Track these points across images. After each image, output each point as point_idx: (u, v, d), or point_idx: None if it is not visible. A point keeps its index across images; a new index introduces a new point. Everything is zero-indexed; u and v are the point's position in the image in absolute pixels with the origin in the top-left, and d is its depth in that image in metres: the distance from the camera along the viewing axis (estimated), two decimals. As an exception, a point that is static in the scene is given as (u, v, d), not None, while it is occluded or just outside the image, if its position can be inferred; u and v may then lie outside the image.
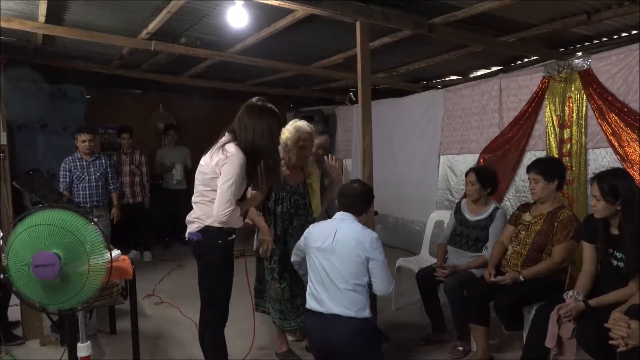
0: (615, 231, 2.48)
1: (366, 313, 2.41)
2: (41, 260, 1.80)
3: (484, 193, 3.39)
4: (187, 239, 2.51)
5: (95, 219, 2.96)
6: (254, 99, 2.51)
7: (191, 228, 2.47)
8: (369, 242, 2.42)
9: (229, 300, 2.56)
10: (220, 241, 2.42)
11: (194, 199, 2.49)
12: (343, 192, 2.64)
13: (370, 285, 2.45)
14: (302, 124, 2.97)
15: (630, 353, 2.04)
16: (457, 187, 5.37)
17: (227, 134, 2.46)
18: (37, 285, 1.87)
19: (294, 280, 2.99)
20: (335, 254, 2.44)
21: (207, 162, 2.42)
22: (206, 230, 2.41)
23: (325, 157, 3.29)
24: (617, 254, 2.45)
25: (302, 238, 2.67)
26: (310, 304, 2.51)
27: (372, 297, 2.55)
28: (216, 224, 2.38)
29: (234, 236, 2.51)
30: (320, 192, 3.22)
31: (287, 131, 2.94)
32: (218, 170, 2.35)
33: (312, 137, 2.97)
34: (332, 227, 2.52)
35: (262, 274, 3.09)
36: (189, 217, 2.51)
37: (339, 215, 2.58)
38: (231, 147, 2.37)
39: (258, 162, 2.45)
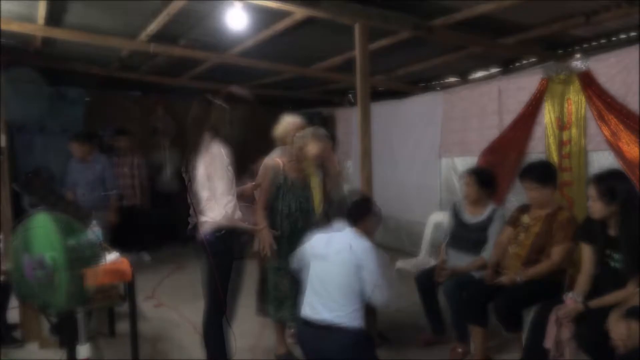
0: (612, 232, 2.48)
1: (358, 323, 2.42)
2: (33, 262, 1.84)
3: (482, 194, 3.39)
4: (198, 239, 2.60)
5: (94, 221, 2.98)
6: (224, 91, 2.63)
7: (203, 228, 2.56)
8: (361, 250, 2.44)
9: (235, 300, 2.65)
10: (230, 241, 2.55)
11: (203, 204, 2.58)
12: (342, 203, 2.71)
13: (364, 294, 2.46)
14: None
15: (629, 354, 2.04)
16: (461, 189, 5.35)
17: (206, 135, 2.54)
18: (32, 286, 1.91)
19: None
20: (329, 261, 2.47)
21: (198, 167, 2.55)
22: (218, 230, 2.52)
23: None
24: (615, 255, 2.45)
25: (303, 247, 2.72)
26: (305, 311, 2.52)
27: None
28: (225, 223, 2.50)
29: (223, 232, 2.60)
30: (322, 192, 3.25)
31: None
32: (211, 170, 2.48)
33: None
34: (328, 235, 2.57)
35: (264, 276, 3.10)
36: (201, 219, 2.58)
37: (338, 225, 2.62)
38: (213, 147, 2.49)
39: (241, 149, 2.56)
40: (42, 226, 1.86)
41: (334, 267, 2.44)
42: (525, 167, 3.15)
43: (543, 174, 3.01)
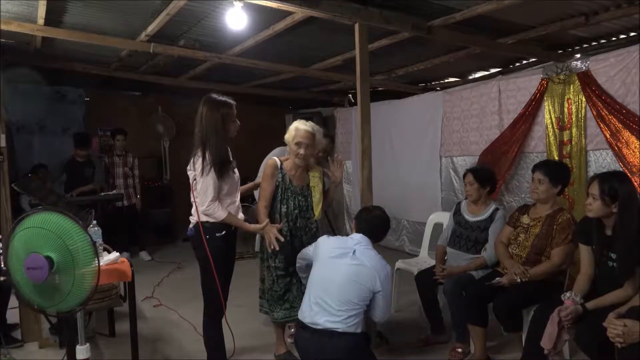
0: (609, 232, 2.48)
1: (356, 328, 2.44)
2: (32, 262, 1.82)
3: (483, 192, 3.40)
4: (197, 238, 2.68)
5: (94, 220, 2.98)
6: (204, 97, 2.70)
7: (203, 228, 2.66)
8: (384, 276, 2.47)
9: (221, 294, 2.68)
10: (207, 236, 2.62)
11: (193, 201, 2.69)
12: (365, 217, 2.70)
13: (364, 300, 2.48)
14: (300, 123, 3.01)
15: (629, 350, 2.05)
16: (461, 189, 5.34)
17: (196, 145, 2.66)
18: (31, 287, 1.89)
19: (297, 277, 3.04)
20: (346, 272, 2.46)
21: (191, 169, 2.68)
22: (197, 226, 2.65)
23: (329, 157, 3.30)
24: (612, 254, 2.46)
25: (311, 246, 2.74)
26: (304, 314, 2.52)
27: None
28: (205, 219, 2.62)
29: (223, 232, 2.68)
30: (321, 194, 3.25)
31: (288, 131, 3.01)
32: (196, 172, 2.62)
33: (310, 135, 2.97)
34: (350, 246, 2.56)
35: (264, 275, 3.11)
36: (201, 219, 2.68)
37: (358, 237, 2.62)
38: (199, 152, 2.63)
39: (223, 152, 2.62)
40: (39, 226, 1.85)
41: (349, 278, 2.45)
42: (544, 160, 3.16)
43: (557, 172, 3.01)
